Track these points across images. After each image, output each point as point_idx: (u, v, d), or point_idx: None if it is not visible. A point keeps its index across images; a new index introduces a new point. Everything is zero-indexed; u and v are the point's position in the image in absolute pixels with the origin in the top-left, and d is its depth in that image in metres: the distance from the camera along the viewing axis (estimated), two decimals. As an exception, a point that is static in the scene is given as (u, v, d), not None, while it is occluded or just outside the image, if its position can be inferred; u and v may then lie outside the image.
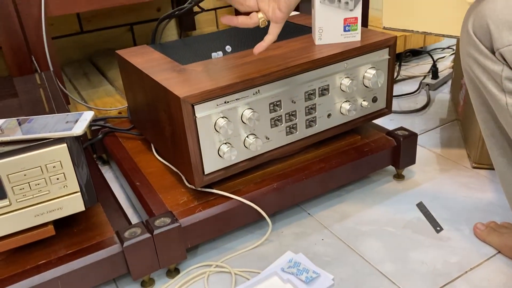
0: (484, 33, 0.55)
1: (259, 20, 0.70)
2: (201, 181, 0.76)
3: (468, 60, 0.59)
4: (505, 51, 0.53)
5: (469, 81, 0.63)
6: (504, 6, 0.53)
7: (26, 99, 0.81)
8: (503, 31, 0.53)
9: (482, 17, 0.55)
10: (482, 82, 0.58)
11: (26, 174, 0.63)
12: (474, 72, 0.58)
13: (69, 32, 1.56)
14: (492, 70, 0.55)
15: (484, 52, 0.56)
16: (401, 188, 0.98)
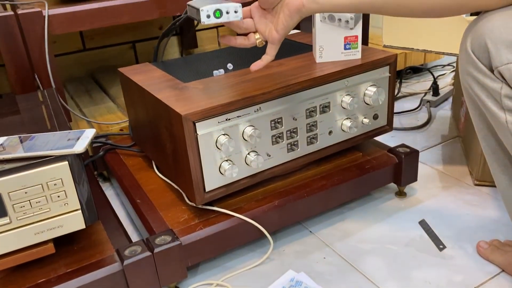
0: (483, 51, 0.55)
1: (256, 41, 0.70)
2: (202, 198, 0.76)
3: (467, 79, 0.59)
4: (504, 69, 0.53)
5: (469, 99, 0.63)
6: (501, 25, 0.53)
7: (28, 117, 0.81)
8: (501, 49, 0.53)
9: (480, 36, 0.55)
10: (481, 100, 0.58)
11: (27, 192, 0.62)
12: (474, 90, 0.59)
13: (71, 49, 1.57)
14: (491, 88, 0.56)
15: (483, 70, 0.56)
16: (403, 205, 0.97)
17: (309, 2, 0.64)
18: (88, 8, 1.04)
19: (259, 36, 0.70)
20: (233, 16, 0.66)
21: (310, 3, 0.64)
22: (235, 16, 0.66)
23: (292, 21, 0.66)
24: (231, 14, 0.66)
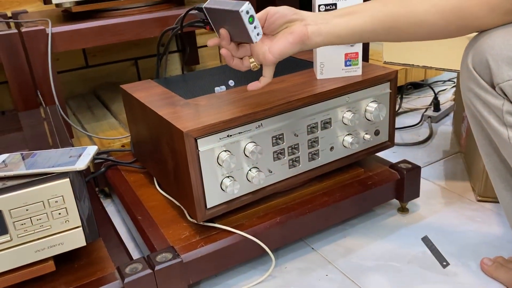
0: (484, 68, 0.55)
1: (251, 64, 0.69)
2: (203, 215, 0.76)
3: (469, 95, 0.59)
4: (505, 85, 0.53)
5: (471, 115, 0.63)
6: (502, 42, 0.54)
7: (30, 134, 0.81)
8: (502, 66, 0.53)
9: (481, 52, 0.55)
10: (483, 117, 0.58)
11: (28, 209, 0.62)
12: (475, 106, 0.59)
13: (74, 66, 1.59)
14: (493, 104, 0.56)
15: (484, 87, 0.56)
16: (405, 221, 0.97)
17: (314, 34, 0.64)
18: (91, 26, 1.05)
19: (254, 60, 0.69)
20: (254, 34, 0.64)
21: (315, 36, 0.64)
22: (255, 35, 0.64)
23: (292, 50, 0.65)
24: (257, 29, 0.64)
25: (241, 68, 0.70)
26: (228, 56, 0.69)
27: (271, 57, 0.66)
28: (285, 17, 0.65)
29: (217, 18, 0.68)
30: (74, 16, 1.13)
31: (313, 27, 0.64)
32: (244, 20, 0.63)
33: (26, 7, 1.44)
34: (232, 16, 0.64)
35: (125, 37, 1.09)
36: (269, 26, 0.66)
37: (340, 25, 0.63)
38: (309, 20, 0.65)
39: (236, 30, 0.66)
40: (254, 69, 0.70)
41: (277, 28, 0.66)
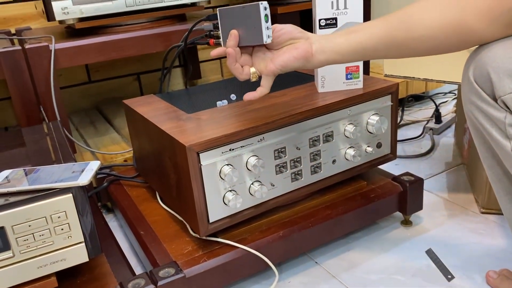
0: (485, 81, 0.56)
1: (251, 74, 0.69)
2: (206, 229, 0.76)
3: (471, 108, 0.59)
4: (507, 98, 0.53)
5: (473, 128, 0.63)
6: (503, 55, 0.54)
7: (33, 149, 0.82)
8: (504, 79, 0.53)
9: (482, 65, 0.56)
10: (486, 129, 0.58)
11: (30, 225, 0.62)
12: (478, 119, 0.59)
13: (77, 82, 1.60)
14: (495, 117, 0.56)
15: (486, 99, 0.56)
16: (409, 234, 0.96)
17: (317, 51, 0.65)
18: (93, 42, 1.06)
19: (255, 70, 0.69)
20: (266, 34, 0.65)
21: (318, 53, 0.65)
22: (267, 35, 0.65)
23: (294, 64, 0.66)
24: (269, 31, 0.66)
25: (240, 75, 0.69)
26: (233, 55, 0.68)
27: (272, 67, 0.67)
28: (290, 33, 0.66)
29: (229, 20, 0.69)
30: (77, 33, 1.14)
31: (317, 45, 0.65)
32: (261, 14, 0.64)
33: (30, 23, 1.46)
34: (249, 13, 0.66)
35: (128, 52, 1.10)
36: (274, 40, 0.67)
37: (342, 43, 0.64)
38: (314, 39, 0.66)
39: (247, 31, 0.67)
40: (253, 79, 0.70)
41: (282, 42, 0.67)
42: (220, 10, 0.70)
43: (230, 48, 0.67)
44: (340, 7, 0.81)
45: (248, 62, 0.70)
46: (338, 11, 0.81)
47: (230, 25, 0.69)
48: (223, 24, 0.70)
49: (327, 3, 0.81)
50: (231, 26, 0.69)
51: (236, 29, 0.68)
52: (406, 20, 0.59)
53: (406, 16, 0.60)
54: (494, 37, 0.56)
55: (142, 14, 1.14)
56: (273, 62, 0.66)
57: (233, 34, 0.67)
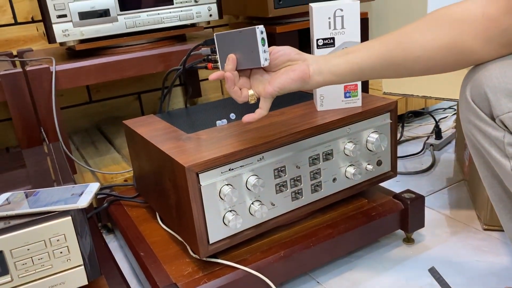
0: (483, 100, 0.56)
1: (249, 97, 0.69)
2: (206, 251, 0.75)
3: (469, 127, 0.59)
4: (505, 117, 0.53)
5: (472, 147, 0.63)
6: (500, 74, 0.54)
7: (33, 171, 0.82)
8: (501, 98, 0.53)
9: (479, 84, 0.56)
10: (485, 148, 0.58)
11: (29, 249, 0.62)
12: (476, 138, 0.59)
13: (78, 102, 1.61)
14: (494, 136, 0.56)
15: (484, 119, 0.56)
16: (411, 252, 0.95)
17: (315, 72, 0.65)
18: (94, 63, 1.07)
19: (253, 92, 0.70)
20: (263, 57, 0.66)
21: (316, 74, 0.65)
22: (264, 58, 0.66)
23: (292, 86, 0.66)
24: (266, 54, 0.66)
25: (238, 98, 0.70)
26: (231, 79, 0.68)
27: (270, 89, 0.67)
28: (288, 55, 0.67)
29: (227, 44, 0.70)
30: (78, 54, 1.15)
31: (314, 66, 0.66)
32: (258, 38, 0.65)
33: (32, 45, 1.48)
34: (245, 37, 0.66)
35: (128, 73, 1.11)
36: (272, 62, 0.68)
37: (340, 64, 0.64)
38: (311, 61, 0.67)
39: (245, 54, 0.68)
40: (252, 101, 0.71)
41: (279, 64, 0.68)
42: (217, 35, 0.70)
43: (228, 72, 0.68)
44: (338, 27, 0.82)
45: (247, 85, 0.70)
46: (335, 31, 0.82)
47: (227, 49, 0.70)
48: (221, 48, 0.71)
49: (324, 23, 0.82)
50: (229, 50, 0.69)
51: (234, 53, 0.69)
52: (403, 41, 0.60)
53: (403, 37, 0.60)
54: (490, 57, 0.56)
55: (142, 35, 1.15)
56: (271, 84, 0.67)
57: (231, 58, 0.68)
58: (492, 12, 0.53)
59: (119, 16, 1.10)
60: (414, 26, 0.60)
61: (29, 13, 1.45)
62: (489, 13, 0.53)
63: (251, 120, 0.71)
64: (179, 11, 1.16)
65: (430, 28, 0.58)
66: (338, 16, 0.81)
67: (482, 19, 0.54)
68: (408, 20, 1.48)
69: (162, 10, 1.14)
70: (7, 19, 1.43)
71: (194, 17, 1.19)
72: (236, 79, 0.69)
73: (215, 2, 1.20)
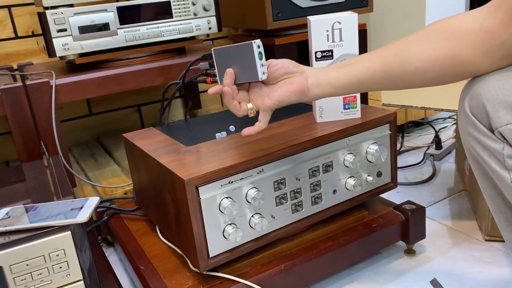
0: (481, 112, 0.56)
1: (248, 110, 0.70)
2: (206, 264, 0.75)
3: (468, 139, 0.59)
4: (504, 130, 0.53)
5: (472, 159, 0.63)
6: (497, 86, 0.54)
7: (33, 185, 0.82)
8: (499, 110, 0.53)
9: (477, 97, 0.56)
10: (484, 160, 0.58)
11: (29, 264, 0.62)
12: (476, 150, 0.59)
13: (78, 114, 1.61)
14: (493, 148, 0.56)
15: (483, 131, 0.56)
16: (413, 264, 0.95)
17: (313, 85, 0.66)
18: (94, 76, 1.07)
19: (252, 106, 0.70)
20: (261, 70, 0.66)
21: (314, 87, 0.66)
22: (262, 72, 0.67)
23: (290, 98, 0.66)
24: (264, 68, 0.67)
25: (238, 111, 0.70)
26: (229, 94, 0.68)
27: (269, 102, 0.67)
28: (286, 68, 0.67)
29: (224, 59, 0.70)
30: (78, 68, 1.16)
31: (312, 79, 0.66)
32: (255, 52, 0.65)
33: (32, 59, 1.49)
34: (242, 51, 0.67)
35: (128, 86, 1.11)
36: (270, 75, 0.68)
37: (338, 76, 0.65)
38: (309, 73, 0.67)
39: (242, 68, 0.68)
40: (251, 115, 0.71)
41: (278, 77, 0.68)
42: (215, 50, 0.71)
43: (226, 87, 0.68)
44: (336, 39, 0.82)
45: (245, 98, 0.70)
46: (334, 44, 0.83)
47: (225, 64, 0.70)
48: (219, 63, 0.72)
49: (323, 35, 0.82)
50: (227, 64, 0.70)
51: (232, 68, 0.69)
52: (401, 54, 0.60)
53: (401, 49, 0.61)
54: (488, 69, 0.56)
55: (142, 49, 1.16)
56: (270, 97, 0.67)
57: (229, 73, 0.68)
58: (490, 25, 0.53)
59: (118, 30, 1.11)
60: (412, 38, 0.61)
61: (29, 27, 1.46)
62: (487, 26, 0.53)
63: (250, 134, 0.71)
64: (178, 25, 1.17)
65: (428, 41, 0.58)
66: (336, 28, 0.82)
67: (480, 32, 0.54)
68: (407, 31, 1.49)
69: (161, 24, 1.15)
70: (7, 33, 1.44)
71: (194, 30, 1.19)
72: (234, 93, 0.69)
73: (214, 15, 1.21)
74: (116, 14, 1.10)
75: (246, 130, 0.71)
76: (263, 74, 0.67)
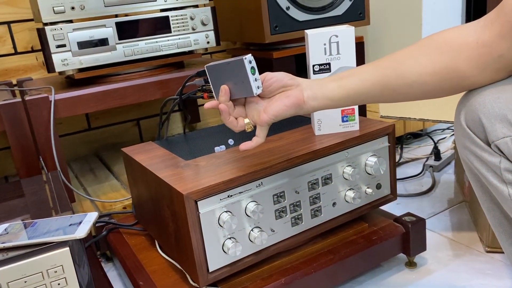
0: (477, 126, 0.56)
1: (246, 125, 0.70)
2: (205, 279, 0.74)
3: (465, 152, 0.59)
4: (501, 143, 0.53)
5: (469, 172, 0.63)
6: (493, 100, 0.54)
7: (32, 200, 0.81)
8: (495, 124, 0.53)
9: (473, 110, 0.56)
10: (482, 174, 0.58)
11: (27, 281, 0.61)
12: (473, 163, 0.59)
13: (77, 129, 1.61)
14: (490, 162, 0.55)
15: (480, 144, 0.56)
16: (414, 277, 0.94)
17: (309, 98, 0.66)
18: (93, 91, 1.08)
19: (249, 120, 0.70)
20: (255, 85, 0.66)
21: (310, 100, 0.66)
22: (256, 87, 0.67)
23: (287, 112, 0.67)
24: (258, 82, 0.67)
25: (235, 127, 0.70)
26: (226, 111, 0.68)
27: (266, 117, 0.67)
28: (281, 81, 0.67)
29: (218, 75, 0.70)
30: (77, 82, 1.17)
31: (308, 92, 0.66)
32: (247, 68, 0.65)
33: (31, 74, 1.49)
34: (235, 68, 0.67)
35: (127, 100, 1.12)
36: (265, 89, 0.68)
37: (334, 89, 0.65)
38: (305, 86, 0.67)
39: (237, 84, 0.68)
40: (248, 130, 0.71)
41: (273, 91, 0.68)
42: (208, 67, 0.71)
43: (222, 104, 0.68)
44: (333, 52, 0.83)
45: (242, 113, 0.71)
46: (331, 57, 0.83)
47: (219, 80, 0.70)
48: (213, 79, 0.72)
49: (320, 49, 0.83)
50: (221, 80, 0.70)
51: (226, 84, 0.69)
52: (397, 67, 0.60)
53: (398, 62, 0.61)
54: (485, 82, 0.56)
55: (141, 63, 1.17)
56: (266, 112, 0.67)
57: (224, 90, 0.68)
58: (487, 39, 0.53)
59: (117, 45, 1.11)
60: (408, 51, 0.61)
61: (28, 43, 1.47)
62: (483, 39, 0.54)
63: (247, 148, 0.71)
64: (177, 39, 1.18)
65: (424, 54, 0.59)
66: (334, 42, 0.82)
67: (477, 45, 0.54)
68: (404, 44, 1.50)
69: (160, 38, 1.16)
70: (7, 49, 1.45)
71: (192, 44, 1.20)
72: (230, 109, 0.69)
73: (212, 29, 1.22)
74: (115, 29, 1.11)
75: (243, 145, 0.71)
76: (257, 89, 0.67)
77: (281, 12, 1.29)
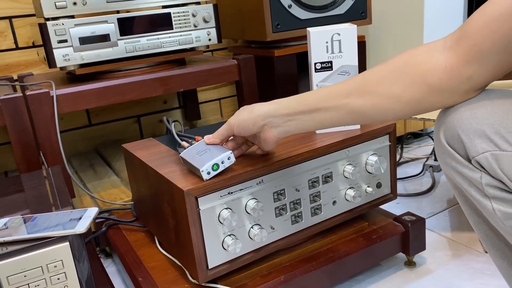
0: (457, 142, 0.55)
1: None
2: (205, 276, 0.74)
3: (447, 169, 0.59)
4: (481, 158, 0.53)
5: (454, 187, 0.63)
6: (470, 116, 0.54)
7: (32, 195, 0.81)
8: (474, 139, 0.53)
9: (452, 127, 0.56)
10: (465, 189, 0.58)
11: (26, 275, 0.61)
12: (455, 179, 0.58)
13: (77, 125, 1.61)
14: (471, 177, 0.55)
15: (460, 161, 0.56)
16: (413, 276, 0.94)
17: (281, 133, 0.69)
18: (94, 87, 1.08)
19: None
20: (227, 163, 0.72)
21: (283, 134, 0.69)
22: (229, 162, 0.73)
23: (272, 146, 0.73)
24: (226, 162, 0.72)
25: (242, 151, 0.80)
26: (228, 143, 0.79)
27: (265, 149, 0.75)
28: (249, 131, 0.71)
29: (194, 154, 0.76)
30: (78, 78, 1.16)
31: (278, 129, 0.69)
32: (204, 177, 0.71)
33: (32, 69, 1.49)
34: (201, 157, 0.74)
35: (128, 97, 1.12)
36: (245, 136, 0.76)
37: (308, 122, 0.66)
38: (273, 122, 0.69)
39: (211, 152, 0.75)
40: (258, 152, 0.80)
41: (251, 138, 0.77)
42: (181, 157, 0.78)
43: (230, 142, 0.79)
44: (335, 51, 0.83)
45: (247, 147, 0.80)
46: (333, 55, 0.83)
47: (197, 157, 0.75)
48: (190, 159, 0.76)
49: (322, 47, 0.83)
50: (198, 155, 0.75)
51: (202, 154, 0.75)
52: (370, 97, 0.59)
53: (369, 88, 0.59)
54: (455, 103, 0.56)
55: (142, 60, 1.17)
56: (261, 149, 0.77)
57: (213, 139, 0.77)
58: (454, 64, 0.53)
59: (119, 41, 1.11)
60: (379, 76, 0.59)
61: (30, 38, 1.47)
62: (451, 64, 0.54)
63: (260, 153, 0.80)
64: (178, 36, 1.18)
65: (396, 82, 0.57)
66: (336, 40, 0.82)
67: (445, 70, 0.54)
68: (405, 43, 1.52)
69: (161, 35, 1.16)
70: (8, 44, 1.44)
71: (194, 41, 1.20)
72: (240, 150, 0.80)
73: (214, 26, 1.22)
74: (117, 25, 1.10)
75: None
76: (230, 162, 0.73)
77: (283, 10, 1.29)
